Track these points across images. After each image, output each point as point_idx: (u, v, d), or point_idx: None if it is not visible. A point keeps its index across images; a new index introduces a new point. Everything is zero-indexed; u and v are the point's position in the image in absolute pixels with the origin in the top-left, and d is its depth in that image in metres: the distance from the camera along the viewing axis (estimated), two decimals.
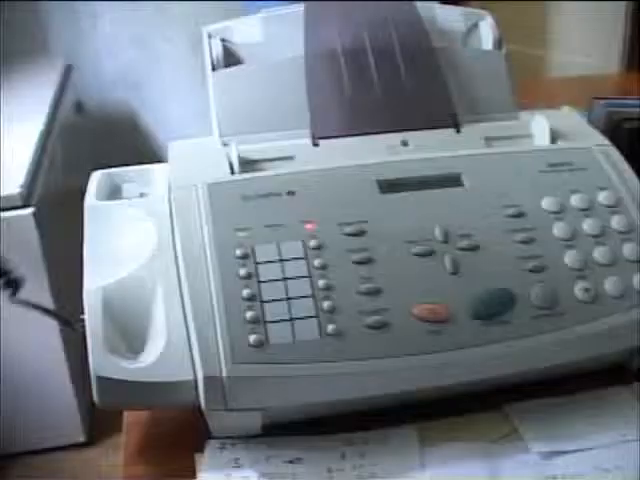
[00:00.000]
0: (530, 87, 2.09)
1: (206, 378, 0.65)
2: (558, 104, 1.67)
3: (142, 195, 0.82)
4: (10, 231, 1.51)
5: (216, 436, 0.70)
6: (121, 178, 0.85)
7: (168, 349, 0.67)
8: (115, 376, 0.67)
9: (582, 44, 2.82)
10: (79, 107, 2.04)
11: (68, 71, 2.05)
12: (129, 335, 0.70)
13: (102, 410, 0.69)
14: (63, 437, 1.77)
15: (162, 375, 0.67)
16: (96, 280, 0.72)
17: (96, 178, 0.83)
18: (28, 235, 1.55)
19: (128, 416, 0.75)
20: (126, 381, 0.67)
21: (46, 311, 0.77)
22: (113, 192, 0.83)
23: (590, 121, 0.94)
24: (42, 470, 1.73)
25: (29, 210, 1.55)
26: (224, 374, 0.65)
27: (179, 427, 0.73)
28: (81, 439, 1.77)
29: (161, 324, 0.69)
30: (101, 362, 0.67)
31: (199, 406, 0.67)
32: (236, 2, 1.83)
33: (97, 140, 2.18)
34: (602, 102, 0.92)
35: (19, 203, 1.54)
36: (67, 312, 0.81)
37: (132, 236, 0.76)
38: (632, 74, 2.41)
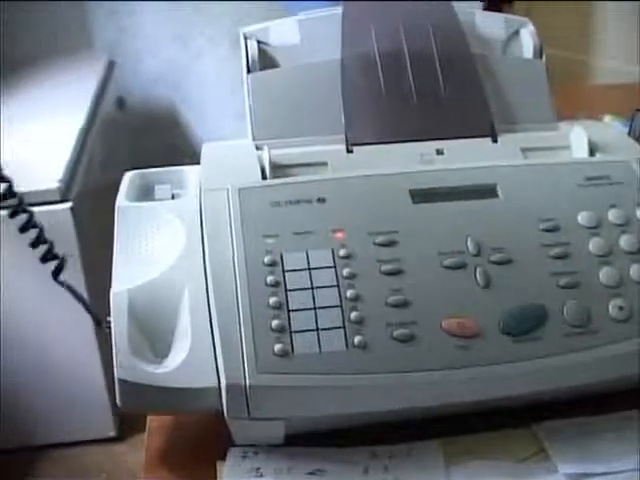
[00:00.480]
0: (572, 94, 2.07)
1: (229, 386, 0.64)
2: (601, 112, 1.65)
3: (174, 196, 0.81)
4: (47, 225, 1.52)
5: (239, 444, 0.69)
6: (154, 179, 0.84)
7: (192, 355, 0.67)
8: (138, 380, 0.66)
9: (628, 50, 2.79)
10: (121, 103, 2.05)
11: (111, 67, 2.06)
12: (154, 339, 0.69)
13: None
14: (94, 431, 1.78)
15: (185, 381, 0.66)
16: (123, 282, 0.72)
17: (128, 178, 0.83)
18: (65, 230, 1.56)
19: (151, 420, 0.75)
20: (149, 385, 0.66)
21: (81, 301, 0.77)
22: (145, 193, 0.83)
23: (632, 132, 0.92)
24: (71, 463, 1.74)
25: (67, 205, 1.56)
26: (248, 383, 0.64)
27: (202, 433, 0.72)
28: (111, 434, 1.78)
29: (186, 329, 0.68)
30: (125, 365, 0.66)
31: (222, 413, 0.66)
32: (278, 2, 1.82)
33: (137, 137, 2.19)
34: None
35: (57, 198, 1.55)
36: (102, 309, 0.80)
37: (161, 238, 0.75)
38: None
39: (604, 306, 0.69)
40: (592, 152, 0.81)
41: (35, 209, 1.50)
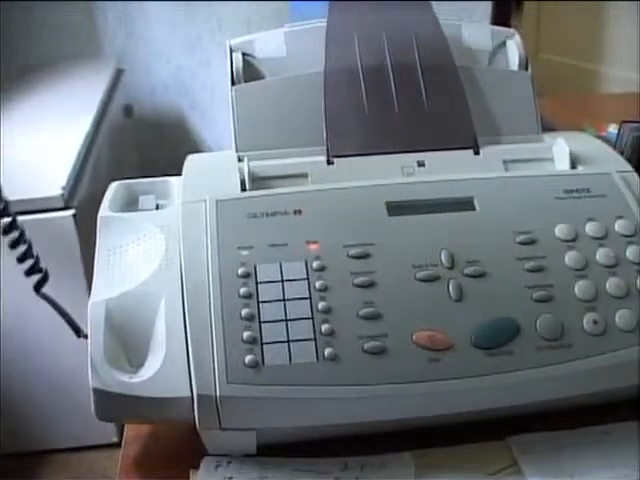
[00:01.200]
0: (580, 103, 2.07)
1: (200, 396, 0.65)
2: (607, 122, 1.64)
3: (159, 207, 0.82)
4: (50, 232, 1.53)
5: (213, 454, 0.70)
6: (139, 189, 0.85)
7: (166, 365, 0.67)
8: (113, 389, 0.67)
9: (636, 59, 2.78)
10: (128, 111, 2.06)
11: (118, 75, 2.08)
12: (131, 348, 0.70)
13: None
14: (97, 437, 1.79)
15: (158, 391, 0.67)
16: (102, 292, 0.72)
17: (113, 188, 0.84)
18: (68, 237, 1.57)
19: (128, 428, 0.75)
20: (123, 395, 0.67)
21: (61, 312, 0.78)
22: (130, 203, 0.83)
23: (618, 143, 0.92)
24: (75, 468, 1.76)
25: (70, 212, 1.57)
26: (218, 393, 0.65)
27: (178, 442, 0.73)
28: (114, 439, 1.79)
29: (162, 339, 0.69)
30: (99, 375, 0.67)
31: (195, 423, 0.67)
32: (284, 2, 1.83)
33: (146, 144, 2.20)
34: (630, 125, 0.90)
35: (60, 205, 1.56)
36: None
37: (142, 249, 0.76)
38: None
39: (579, 320, 0.69)
40: (574, 164, 0.81)
41: (38, 216, 1.52)
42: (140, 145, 2.17)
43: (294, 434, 0.68)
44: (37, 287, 0.75)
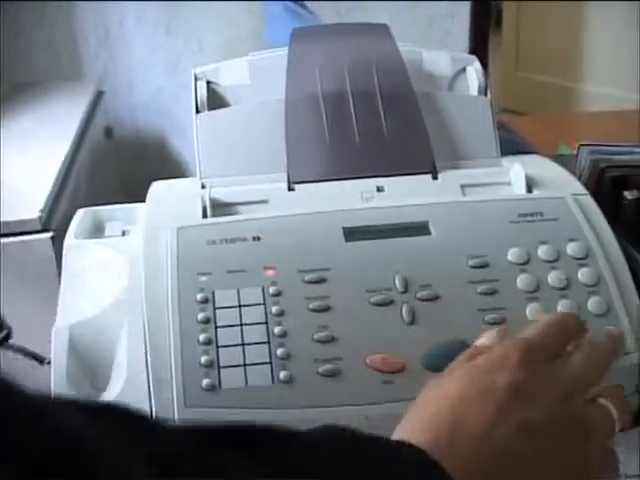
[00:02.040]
0: (557, 122, 2.09)
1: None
2: (582, 140, 1.66)
3: (125, 233, 0.84)
4: (28, 255, 1.54)
5: None
6: (106, 216, 0.87)
7: (127, 389, 0.69)
8: None
9: (617, 77, 2.81)
10: (108, 132, 2.08)
11: (99, 96, 2.09)
12: (94, 373, 0.72)
13: None
14: None
15: None
16: (66, 318, 0.74)
17: (80, 215, 0.86)
18: (45, 259, 1.58)
19: None
20: None
21: (21, 351, 0.80)
22: (96, 230, 0.85)
23: (577, 166, 0.94)
24: None
25: (48, 234, 1.58)
26: (176, 416, 0.66)
27: None
28: None
29: (123, 364, 0.71)
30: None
31: None
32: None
33: (127, 165, 2.22)
34: (587, 148, 0.92)
35: (38, 227, 1.57)
36: None
37: (106, 275, 0.78)
38: None
39: None
40: (530, 188, 0.83)
41: (15, 238, 1.53)
42: (121, 167, 2.18)
43: None
44: (1, 342, 0.78)
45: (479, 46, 2.39)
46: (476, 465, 0.48)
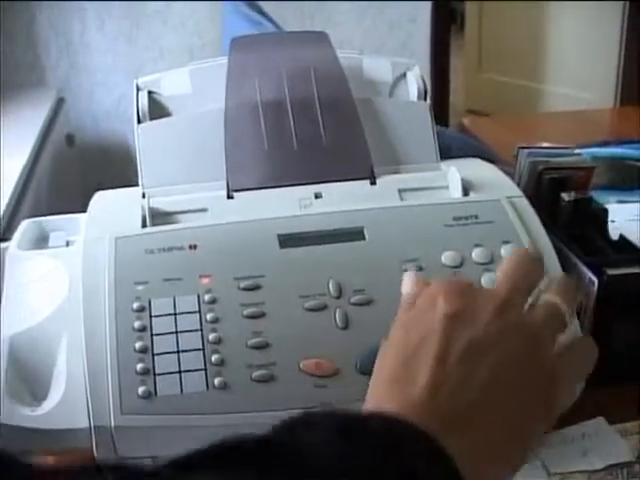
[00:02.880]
0: (518, 123, 2.12)
1: (96, 427, 0.68)
2: (542, 140, 1.68)
3: (69, 244, 0.85)
4: None
5: None
6: (50, 226, 0.87)
7: (66, 397, 0.70)
8: (15, 422, 0.69)
9: (578, 78, 2.84)
10: (70, 140, 2.08)
11: (60, 104, 2.09)
12: (34, 382, 0.72)
13: None
14: None
15: (59, 422, 0.69)
16: (7, 328, 0.75)
17: (23, 226, 0.86)
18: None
19: (36, 459, 0.77)
20: (25, 427, 0.69)
21: None
22: (40, 240, 0.86)
23: (518, 169, 0.96)
24: None
25: (7, 244, 1.58)
26: (112, 424, 0.67)
27: None
28: None
29: (63, 372, 0.71)
30: (2, 409, 0.69)
31: None
32: None
33: (90, 172, 2.22)
34: (526, 151, 0.94)
35: None
36: None
37: (48, 285, 0.78)
38: (625, 108, 2.42)
39: None
40: (466, 191, 0.84)
41: None
42: (84, 174, 2.19)
43: None
44: None
45: (440, 49, 2.41)
46: (444, 405, 0.48)
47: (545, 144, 1.62)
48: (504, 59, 3.11)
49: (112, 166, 2.29)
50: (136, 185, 0.88)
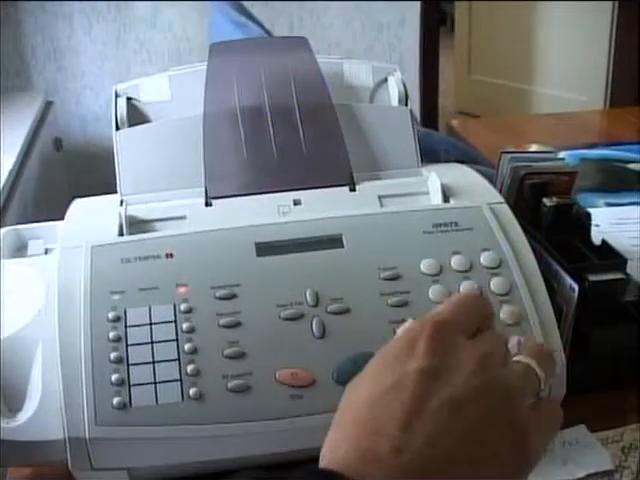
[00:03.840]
0: (507, 124, 2.11)
1: (70, 439, 0.67)
2: (531, 142, 1.68)
3: (47, 252, 0.84)
4: None
5: None
6: (29, 234, 0.87)
7: (41, 409, 0.69)
8: None
9: (569, 79, 2.83)
10: (58, 144, 2.07)
11: (47, 107, 2.09)
12: (9, 393, 0.72)
13: None
14: None
15: (34, 434, 0.69)
16: None
17: (1, 234, 0.85)
18: None
19: (12, 471, 0.77)
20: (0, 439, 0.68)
21: None
22: (19, 248, 0.85)
23: (500, 175, 0.95)
24: None
25: None
26: (87, 435, 0.67)
27: None
28: None
29: (38, 383, 0.71)
30: None
31: None
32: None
33: (78, 176, 2.21)
34: (508, 156, 0.93)
35: None
36: None
37: (24, 294, 0.78)
38: (614, 110, 2.42)
39: None
40: (447, 197, 0.84)
41: None
42: (72, 178, 2.18)
43: (165, 472, 0.70)
44: None
45: (429, 50, 2.40)
46: (411, 463, 0.46)
47: (534, 146, 1.63)
48: (494, 61, 3.11)
49: (100, 170, 2.27)
50: None
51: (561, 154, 1.47)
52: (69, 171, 2.20)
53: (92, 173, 2.24)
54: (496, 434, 0.50)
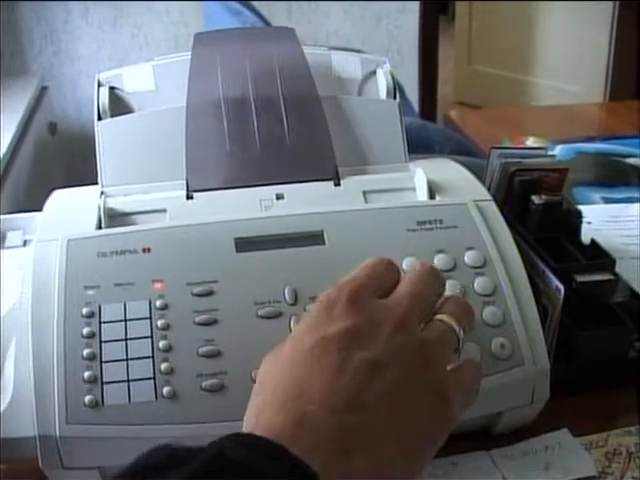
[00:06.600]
0: (505, 115, 2.10)
1: (41, 437, 0.66)
2: (529, 134, 1.67)
3: (26, 243, 0.83)
4: None
5: None
6: (7, 225, 0.85)
7: (13, 405, 0.68)
8: None
9: (569, 70, 2.81)
10: (53, 128, 2.06)
11: (43, 92, 2.07)
12: None
13: None
14: None
15: (5, 431, 0.67)
16: None
17: None
18: None
19: None
20: None
21: None
22: None
23: (489, 170, 0.94)
24: None
25: None
26: (58, 433, 0.65)
27: None
28: None
29: (10, 380, 0.70)
30: None
31: None
32: None
33: (73, 161, 2.20)
34: (497, 151, 0.91)
35: None
36: None
37: (0, 287, 0.76)
38: (613, 104, 2.41)
39: None
40: (433, 194, 0.82)
41: None
42: (67, 162, 2.16)
43: None
44: None
45: (429, 40, 2.38)
46: (337, 425, 0.47)
47: (532, 139, 1.61)
48: (495, 51, 3.08)
49: (94, 156, 2.26)
50: None
51: (558, 147, 1.46)
52: (64, 156, 2.18)
53: (87, 158, 2.21)
54: (416, 394, 0.51)
